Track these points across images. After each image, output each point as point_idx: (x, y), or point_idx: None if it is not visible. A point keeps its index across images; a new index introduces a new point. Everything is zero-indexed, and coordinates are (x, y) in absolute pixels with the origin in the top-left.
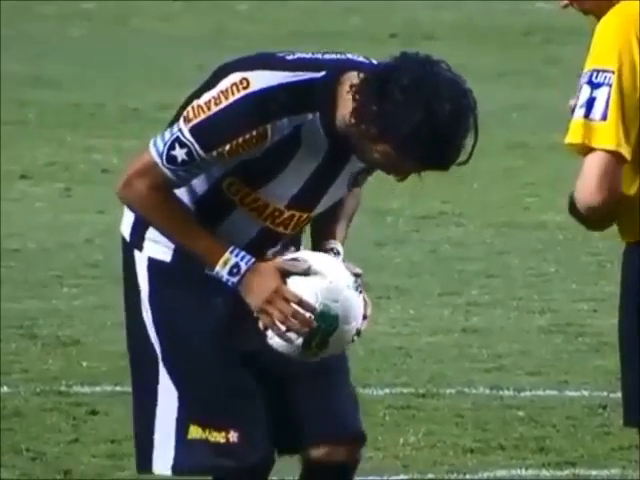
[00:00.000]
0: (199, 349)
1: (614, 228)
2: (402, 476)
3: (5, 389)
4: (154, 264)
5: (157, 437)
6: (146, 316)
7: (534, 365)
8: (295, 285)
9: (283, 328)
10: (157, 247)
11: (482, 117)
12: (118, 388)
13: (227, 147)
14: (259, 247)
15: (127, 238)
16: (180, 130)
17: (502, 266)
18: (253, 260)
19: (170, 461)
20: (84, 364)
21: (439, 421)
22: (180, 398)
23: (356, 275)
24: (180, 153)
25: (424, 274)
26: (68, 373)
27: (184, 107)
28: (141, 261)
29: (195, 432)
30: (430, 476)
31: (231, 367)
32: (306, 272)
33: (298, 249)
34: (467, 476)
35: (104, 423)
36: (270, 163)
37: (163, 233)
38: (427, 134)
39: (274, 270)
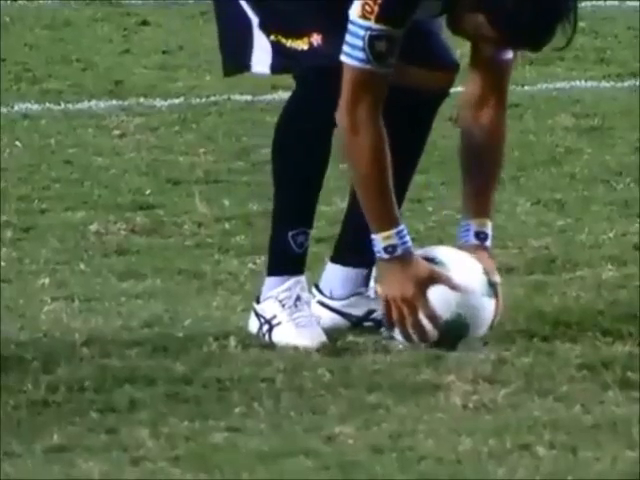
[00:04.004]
0: None
1: None
2: None
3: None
4: None
5: (254, 41)
6: None
7: None
8: (432, 294)
9: (404, 330)
10: None
11: None
12: None
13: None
14: None
15: None
16: (368, 28)
17: None
18: (410, 249)
19: (268, 61)
20: None
21: None
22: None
23: (493, 282)
24: (381, 46)
25: None
26: None
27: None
28: None
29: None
30: None
31: None
32: (446, 283)
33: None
34: (526, 87)
35: (156, 34)
36: None
37: (351, 174)
38: (528, 13)
39: (419, 278)
